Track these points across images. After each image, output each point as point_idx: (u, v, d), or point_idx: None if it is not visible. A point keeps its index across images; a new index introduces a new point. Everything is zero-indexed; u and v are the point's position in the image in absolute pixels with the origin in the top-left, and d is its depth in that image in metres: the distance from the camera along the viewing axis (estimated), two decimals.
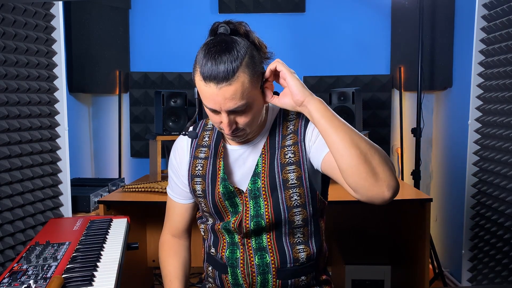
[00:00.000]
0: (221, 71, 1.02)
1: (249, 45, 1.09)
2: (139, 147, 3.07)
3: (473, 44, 2.20)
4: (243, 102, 1.06)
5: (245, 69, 1.04)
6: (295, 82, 1.10)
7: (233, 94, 1.04)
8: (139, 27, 3.05)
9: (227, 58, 1.03)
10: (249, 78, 1.05)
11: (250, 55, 1.06)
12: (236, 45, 1.06)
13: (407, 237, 2.36)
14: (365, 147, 1.05)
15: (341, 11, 3.01)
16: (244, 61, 1.04)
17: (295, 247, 1.22)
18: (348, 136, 1.05)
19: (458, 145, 2.68)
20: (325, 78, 3.00)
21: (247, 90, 1.05)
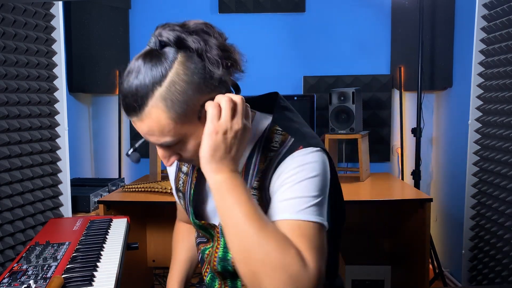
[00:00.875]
0: (128, 104, 0.84)
1: (182, 70, 0.82)
2: (139, 147, 3.06)
3: (473, 44, 2.20)
4: (168, 139, 0.86)
5: (158, 102, 0.81)
6: (207, 142, 0.83)
7: (149, 131, 0.85)
8: (139, 27, 3.04)
9: (135, 87, 0.82)
10: (168, 113, 0.82)
11: (172, 84, 0.81)
12: (151, 68, 0.82)
13: (407, 237, 2.36)
14: (251, 245, 0.78)
15: (341, 11, 3.01)
16: (157, 92, 0.81)
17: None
18: (233, 227, 0.82)
19: (458, 145, 2.68)
20: (325, 78, 3.00)
21: (168, 127, 0.84)
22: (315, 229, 0.84)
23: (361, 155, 2.54)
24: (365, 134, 2.64)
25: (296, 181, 0.87)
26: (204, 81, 0.84)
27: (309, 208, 0.85)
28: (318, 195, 0.87)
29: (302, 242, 0.81)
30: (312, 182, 0.87)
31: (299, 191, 0.86)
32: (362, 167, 2.55)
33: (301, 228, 0.83)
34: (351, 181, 2.52)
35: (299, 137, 0.93)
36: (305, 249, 0.80)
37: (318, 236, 0.84)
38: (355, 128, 2.51)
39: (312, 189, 0.87)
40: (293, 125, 0.97)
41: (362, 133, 2.57)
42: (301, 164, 0.88)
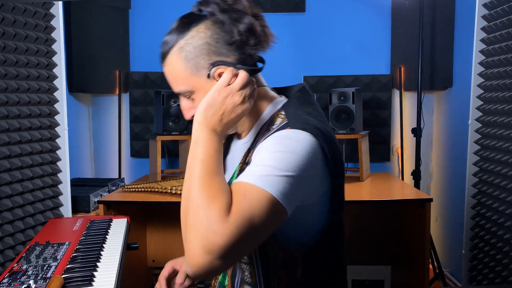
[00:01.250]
0: (160, 53, 1.01)
1: (204, 28, 0.94)
2: (139, 147, 3.06)
3: (473, 44, 2.20)
4: (182, 88, 0.98)
5: (177, 51, 0.95)
6: (208, 96, 0.92)
7: (169, 77, 1.00)
8: (139, 27, 3.04)
9: (166, 39, 0.99)
10: (182, 62, 0.95)
11: (191, 39, 0.94)
12: (182, 26, 0.97)
13: (407, 237, 2.36)
14: (193, 197, 0.84)
15: (341, 11, 3.01)
16: (178, 43, 0.95)
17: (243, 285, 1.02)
18: (188, 175, 0.88)
19: (458, 145, 2.68)
20: (325, 78, 3.00)
21: (181, 74, 0.96)
22: (262, 197, 0.82)
23: (361, 155, 2.54)
24: (365, 134, 2.64)
25: (269, 151, 0.88)
26: (218, 45, 0.93)
27: (268, 177, 0.83)
28: (286, 172, 0.84)
29: (236, 202, 0.81)
30: (285, 157, 0.86)
31: (267, 160, 0.86)
32: (362, 167, 2.55)
33: (247, 190, 0.82)
34: (351, 181, 2.52)
35: (293, 120, 0.95)
36: (235, 209, 0.79)
37: (261, 205, 0.81)
38: (355, 128, 2.51)
39: (281, 163, 0.85)
40: (297, 112, 0.98)
41: (362, 133, 2.57)
42: (280, 138, 0.90)
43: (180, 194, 2.15)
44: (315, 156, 0.90)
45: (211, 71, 0.94)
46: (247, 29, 0.93)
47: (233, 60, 0.95)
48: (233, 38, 0.93)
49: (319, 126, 0.94)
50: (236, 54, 0.95)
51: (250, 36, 0.94)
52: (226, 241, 0.77)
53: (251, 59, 0.97)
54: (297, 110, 0.99)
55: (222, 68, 0.94)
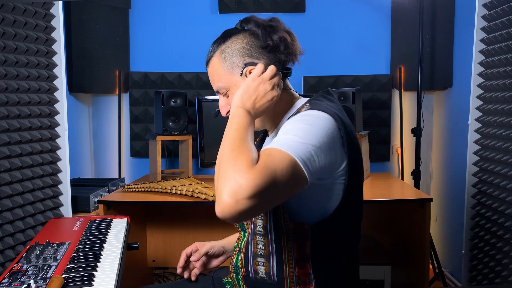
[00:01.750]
0: (206, 57, 1.20)
1: (242, 37, 1.15)
2: (139, 147, 3.06)
3: (473, 44, 2.20)
4: (220, 85, 1.17)
5: (218, 53, 1.15)
6: (245, 84, 1.11)
7: (211, 76, 1.19)
8: (139, 27, 3.04)
9: (211, 47, 1.19)
10: (222, 62, 1.15)
11: (231, 44, 1.15)
12: (225, 36, 1.17)
13: (407, 237, 2.36)
14: (224, 154, 0.96)
15: (341, 11, 3.01)
16: (221, 47, 1.15)
17: (256, 258, 1.14)
18: (224, 140, 1.01)
19: (458, 145, 2.68)
20: (325, 78, 3.00)
21: (219, 72, 1.16)
22: (284, 158, 0.93)
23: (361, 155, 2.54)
24: (365, 134, 2.64)
25: (292, 124, 1.02)
26: (251, 49, 1.14)
27: (290, 143, 0.96)
28: (308, 141, 0.97)
29: (262, 158, 0.92)
30: (307, 129, 0.99)
31: (290, 130, 1.00)
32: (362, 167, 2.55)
33: (272, 151, 0.95)
34: None
35: (316, 106, 1.09)
36: (261, 162, 0.91)
37: (283, 164, 0.92)
38: (355, 128, 2.51)
39: (303, 133, 0.98)
40: (320, 103, 1.11)
41: (362, 133, 2.57)
42: (302, 116, 1.04)
43: (180, 194, 2.15)
44: (333, 135, 1.02)
45: (243, 70, 1.13)
46: (278, 38, 1.13)
47: (263, 63, 1.13)
48: (265, 43, 1.13)
49: (339, 114, 1.08)
50: (266, 58, 1.14)
51: (280, 43, 1.13)
52: (249, 184, 0.86)
53: (279, 64, 1.15)
54: (320, 102, 1.12)
55: (253, 67, 1.12)
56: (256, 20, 1.15)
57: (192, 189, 2.12)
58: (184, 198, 2.12)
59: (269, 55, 1.14)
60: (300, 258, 1.08)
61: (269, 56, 1.14)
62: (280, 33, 1.14)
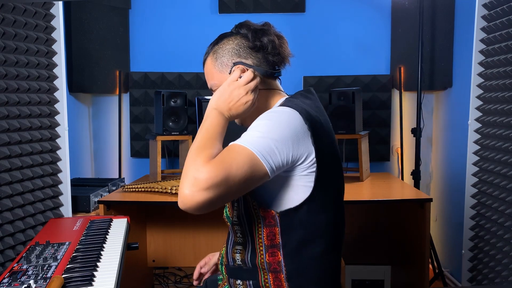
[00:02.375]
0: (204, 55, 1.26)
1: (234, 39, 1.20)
2: (139, 147, 3.07)
3: (473, 44, 2.20)
4: (212, 82, 1.23)
5: (212, 54, 1.22)
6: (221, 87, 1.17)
7: (206, 75, 1.25)
8: (139, 27, 3.04)
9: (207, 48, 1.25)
10: (213, 62, 1.21)
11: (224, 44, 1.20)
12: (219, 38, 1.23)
13: (407, 237, 2.36)
14: (190, 151, 1.02)
15: (341, 11, 3.01)
16: (215, 48, 1.22)
17: (235, 246, 1.20)
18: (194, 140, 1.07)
19: (458, 145, 2.68)
20: (325, 78, 3.00)
21: (212, 72, 1.22)
22: (242, 152, 0.98)
23: (361, 155, 2.54)
24: (365, 134, 2.64)
25: (255, 122, 1.07)
26: (240, 49, 1.19)
27: (250, 138, 1.01)
28: (267, 134, 1.01)
29: (221, 154, 0.99)
30: (267, 124, 1.04)
31: (252, 127, 1.05)
32: (362, 167, 2.55)
33: (231, 147, 1.00)
34: (351, 181, 2.52)
35: (285, 103, 1.13)
36: (218, 156, 0.97)
37: (240, 158, 0.97)
38: (355, 128, 2.51)
39: (263, 128, 1.03)
40: (293, 100, 1.15)
41: (362, 133, 2.57)
42: (267, 113, 1.09)
43: None
44: (296, 128, 1.05)
45: (231, 68, 1.18)
46: (266, 40, 1.18)
47: (251, 63, 1.18)
48: (253, 44, 1.17)
49: (308, 109, 1.11)
50: (254, 58, 1.18)
51: (268, 45, 1.18)
52: (204, 177, 0.92)
53: (266, 65, 1.20)
54: (295, 99, 1.16)
55: (238, 67, 1.17)
56: (248, 24, 1.21)
57: None
58: None
59: (257, 55, 1.18)
60: (271, 245, 1.12)
61: (256, 56, 1.18)
62: (270, 36, 1.18)
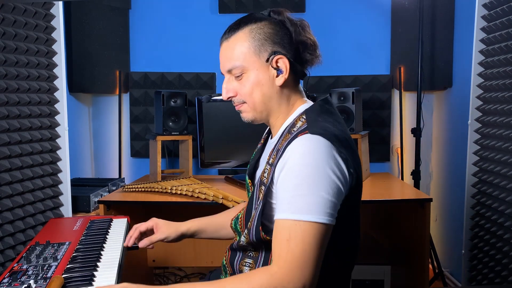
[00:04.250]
0: (228, 27, 1.13)
1: (274, 25, 1.11)
2: (139, 147, 3.07)
3: (473, 44, 2.20)
4: (237, 64, 1.10)
5: (247, 31, 1.09)
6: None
7: (227, 50, 1.11)
8: (139, 27, 3.04)
9: (239, 19, 1.13)
10: (248, 40, 1.09)
11: (263, 26, 1.10)
12: (255, 18, 1.12)
13: (407, 237, 2.36)
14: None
15: (341, 11, 3.01)
16: (250, 25, 1.10)
17: (244, 259, 1.16)
18: None
19: (458, 145, 2.68)
20: (325, 78, 3.00)
21: (242, 49, 1.09)
22: (308, 229, 0.93)
23: (361, 155, 2.54)
24: (365, 134, 2.64)
25: (290, 177, 0.98)
26: (282, 40, 1.10)
27: (303, 205, 0.95)
28: (315, 191, 0.95)
29: (283, 248, 0.94)
30: (307, 178, 0.96)
31: (293, 187, 0.97)
32: (362, 167, 2.55)
33: (290, 231, 0.94)
34: None
35: (311, 125, 1.05)
36: (284, 255, 0.92)
37: (311, 238, 0.93)
38: (355, 128, 2.51)
39: (305, 186, 0.96)
40: (317, 118, 1.08)
41: (362, 133, 2.57)
42: (296, 159, 0.99)
43: (180, 194, 2.15)
44: (324, 157, 0.98)
45: (271, 56, 1.09)
46: (307, 38, 1.12)
47: (290, 56, 1.10)
48: (298, 38, 1.11)
49: (336, 132, 1.04)
50: (292, 54, 1.11)
51: (307, 45, 1.12)
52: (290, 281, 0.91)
53: (300, 64, 1.13)
54: (317, 117, 1.08)
55: (281, 57, 1.09)
56: (287, 14, 1.14)
57: (192, 189, 2.12)
58: (184, 198, 2.12)
59: (296, 52, 1.12)
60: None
61: (295, 53, 1.12)
62: (310, 35, 1.14)
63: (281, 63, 1.10)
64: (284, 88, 1.13)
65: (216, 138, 2.65)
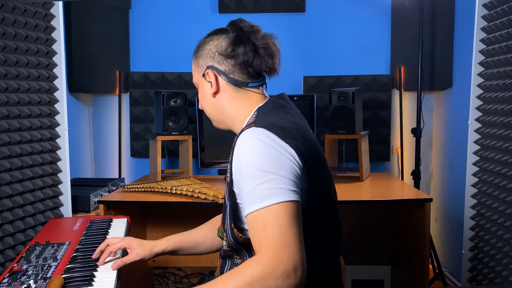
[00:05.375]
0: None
1: (212, 40, 1.19)
2: (139, 147, 3.07)
3: (473, 44, 2.20)
4: (194, 80, 1.25)
5: (196, 49, 1.23)
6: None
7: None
8: (139, 27, 3.04)
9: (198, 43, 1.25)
10: (194, 59, 1.23)
11: (207, 42, 1.19)
12: (209, 34, 1.22)
13: (407, 237, 2.36)
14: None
15: (341, 11, 3.01)
16: (200, 43, 1.23)
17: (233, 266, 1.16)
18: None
19: (458, 145, 2.68)
20: (325, 78, 3.00)
21: (193, 68, 1.24)
22: (276, 210, 0.94)
23: (361, 155, 2.54)
24: (365, 134, 2.64)
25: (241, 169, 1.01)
26: (217, 53, 1.17)
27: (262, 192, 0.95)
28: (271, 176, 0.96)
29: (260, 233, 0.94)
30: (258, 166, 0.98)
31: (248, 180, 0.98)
32: (362, 167, 2.55)
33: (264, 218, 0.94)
34: (351, 181, 2.52)
35: (258, 119, 1.09)
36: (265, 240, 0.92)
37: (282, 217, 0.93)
38: (355, 128, 2.51)
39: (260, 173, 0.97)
40: (267, 113, 1.11)
41: (362, 133, 2.57)
42: (241, 148, 1.02)
43: (180, 194, 2.15)
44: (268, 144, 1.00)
45: (204, 71, 1.19)
46: (251, 49, 1.13)
47: (223, 69, 1.16)
48: (230, 52, 1.14)
49: (277, 121, 1.06)
50: (226, 65, 1.16)
51: (242, 56, 1.13)
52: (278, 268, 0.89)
53: (240, 72, 1.16)
54: (268, 113, 1.10)
55: (208, 71, 1.17)
56: (238, 26, 1.15)
57: (192, 189, 2.12)
58: (184, 198, 2.12)
59: (230, 62, 1.16)
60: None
61: (230, 63, 1.16)
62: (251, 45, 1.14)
63: (210, 76, 1.18)
64: (225, 97, 1.18)
65: (216, 138, 2.65)
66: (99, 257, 1.26)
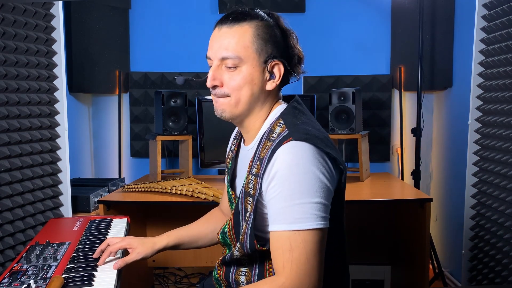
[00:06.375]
0: (232, 12, 1.07)
1: (274, 27, 1.09)
2: (139, 147, 3.06)
3: (473, 44, 2.20)
4: (235, 54, 1.05)
5: (254, 26, 1.06)
6: None
7: (227, 40, 1.05)
8: (139, 27, 3.04)
9: (248, 10, 1.09)
10: (254, 36, 1.05)
11: (269, 27, 1.07)
12: (261, 16, 1.09)
13: (407, 237, 2.36)
14: None
15: (341, 11, 3.01)
16: (257, 22, 1.07)
17: (240, 268, 1.15)
18: None
19: (458, 145, 2.68)
20: (325, 78, 3.00)
21: (244, 43, 1.05)
22: (306, 238, 0.95)
23: (361, 155, 2.54)
24: (365, 134, 2.64)
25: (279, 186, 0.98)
26: (280, 46, 1.09)
27: (295, 215, 0.96)
28: (305, 200, 0.96)
29: (285, 258, 0.96)
30: (296, 187, 0.96)
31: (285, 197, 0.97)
32: (362, 167, 2.55)
33: (291, 241, 0.95)
34: (351, 181, 2.52)
35: (292, 130, 1.03)
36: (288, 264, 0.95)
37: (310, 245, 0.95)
38: (355, 128, 2.51)
39: (297, 194, 0.96)
40: (295, 121, 1.06)
41: (362, 133, 2.57)
42: (283, 162, 0.98)
43: (180, 194, 2.15)
44: (312, 161, 0.98)
45: (269, 60, 1.07)
46: (298, 51, 1.13)
47: (282, 65, 1.09)
48: (290, 49, 1.11)
49: (313, 132, 1.03)
50: (287, 61, 1.10)
51: (300, 58, 1.13)
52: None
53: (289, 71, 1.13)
54: (294, 119, 1.07)
55: (277, 63, 1.08)
56: (282, 22, 1.14)
57: (192, 189, 2.12)
58: (184, 198, 2.12)
59: (289, 61, 1.12)
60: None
61: (288, 62, 1.12)
62: (299, 47, 1.14)
63: (276, 69, 1.10)
64: (271, 93, 1.12)
65: (216, 138, 2.65)
66: (99, 257, 1.26)
